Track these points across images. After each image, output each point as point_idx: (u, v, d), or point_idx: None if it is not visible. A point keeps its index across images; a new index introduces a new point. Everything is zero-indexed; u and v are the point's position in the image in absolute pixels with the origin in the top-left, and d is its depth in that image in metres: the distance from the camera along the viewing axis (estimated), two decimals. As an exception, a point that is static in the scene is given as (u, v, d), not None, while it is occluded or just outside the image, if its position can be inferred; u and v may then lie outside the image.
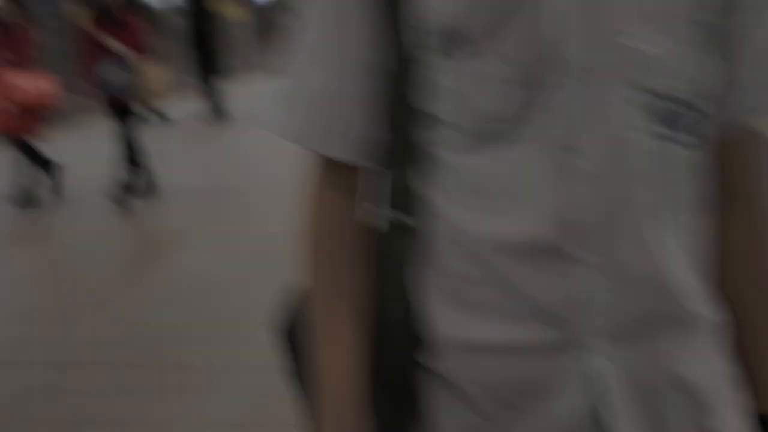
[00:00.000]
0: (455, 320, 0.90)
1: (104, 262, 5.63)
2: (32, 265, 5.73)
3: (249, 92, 13.34)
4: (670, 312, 0.89)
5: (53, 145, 7.89)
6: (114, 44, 6.72)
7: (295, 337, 1.04)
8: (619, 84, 0.85)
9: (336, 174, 0.97)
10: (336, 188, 0.98)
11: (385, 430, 0.95)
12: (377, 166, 0.94)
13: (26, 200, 7.32)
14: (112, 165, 7.22)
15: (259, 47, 18.65)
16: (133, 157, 7.10)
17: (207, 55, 11.85)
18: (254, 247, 5.56)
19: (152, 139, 7.90)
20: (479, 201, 0.88)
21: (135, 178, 7.16)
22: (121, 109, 6.94)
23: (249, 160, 9.13)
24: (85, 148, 9.27)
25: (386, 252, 0.93)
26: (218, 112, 11.99)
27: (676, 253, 0.89)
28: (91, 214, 6.90)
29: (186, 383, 3.59)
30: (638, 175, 0.86)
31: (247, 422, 3.19)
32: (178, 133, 11.14)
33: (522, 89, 0.85)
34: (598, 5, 0.83)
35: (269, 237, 5.56)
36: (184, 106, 12.82)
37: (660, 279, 0.87)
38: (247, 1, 19.25)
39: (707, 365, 0.92)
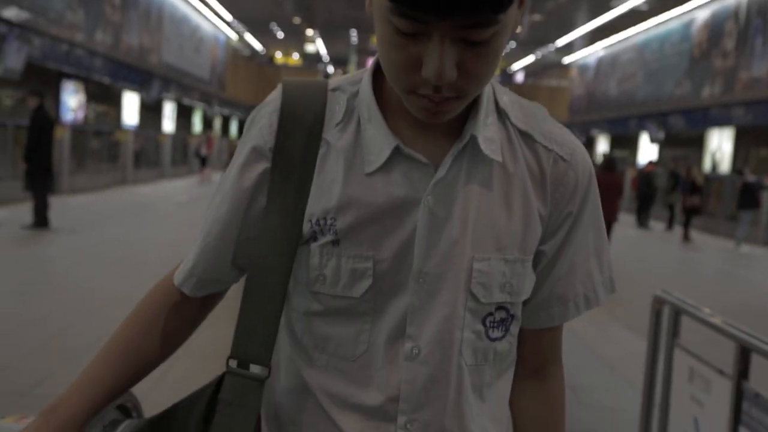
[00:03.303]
0: None
1: None
2: None
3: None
4: None
5: None
6: None
7: None
8: (451, 290, 1.09)
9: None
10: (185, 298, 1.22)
11: None
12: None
13: None
14: None
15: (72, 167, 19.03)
16: None
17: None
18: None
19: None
20: (326, 360, 1.12)
21: None
22: None
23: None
24: None
25: (232, 395, 1.09)
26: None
27: (483, 422, 1.14)
28: None
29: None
30: (456, 360, 1.10)
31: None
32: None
33: (372, 279, 1.09)
34: (449, 235, 1.08)
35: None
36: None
37: None
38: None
39: None
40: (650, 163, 23.95)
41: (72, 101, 21.17)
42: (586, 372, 6.10)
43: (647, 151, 29.56)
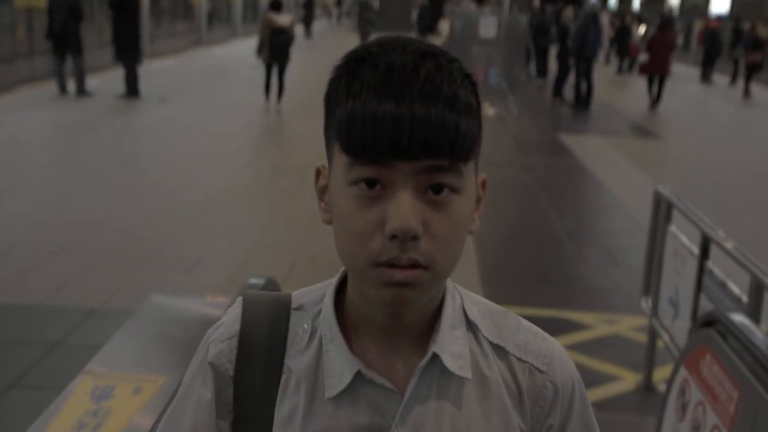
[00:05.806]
0: None
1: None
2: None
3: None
4: None
5: None
6: None
7: None
8: None
9: None
10: None
11: None
12: None
13: None
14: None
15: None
16: None
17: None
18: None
19: None
20: None
21: None
22: None
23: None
24: None
25: None
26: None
27: None
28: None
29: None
30: None
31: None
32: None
33: None
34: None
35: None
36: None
37: None
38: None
39: None
40: (716, 18, 23.98)
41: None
42: (624, 236, 6.67)
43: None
